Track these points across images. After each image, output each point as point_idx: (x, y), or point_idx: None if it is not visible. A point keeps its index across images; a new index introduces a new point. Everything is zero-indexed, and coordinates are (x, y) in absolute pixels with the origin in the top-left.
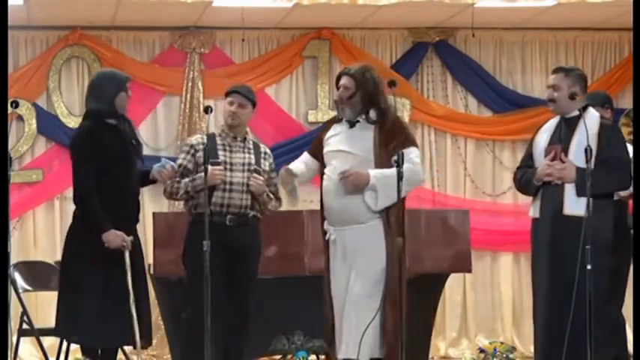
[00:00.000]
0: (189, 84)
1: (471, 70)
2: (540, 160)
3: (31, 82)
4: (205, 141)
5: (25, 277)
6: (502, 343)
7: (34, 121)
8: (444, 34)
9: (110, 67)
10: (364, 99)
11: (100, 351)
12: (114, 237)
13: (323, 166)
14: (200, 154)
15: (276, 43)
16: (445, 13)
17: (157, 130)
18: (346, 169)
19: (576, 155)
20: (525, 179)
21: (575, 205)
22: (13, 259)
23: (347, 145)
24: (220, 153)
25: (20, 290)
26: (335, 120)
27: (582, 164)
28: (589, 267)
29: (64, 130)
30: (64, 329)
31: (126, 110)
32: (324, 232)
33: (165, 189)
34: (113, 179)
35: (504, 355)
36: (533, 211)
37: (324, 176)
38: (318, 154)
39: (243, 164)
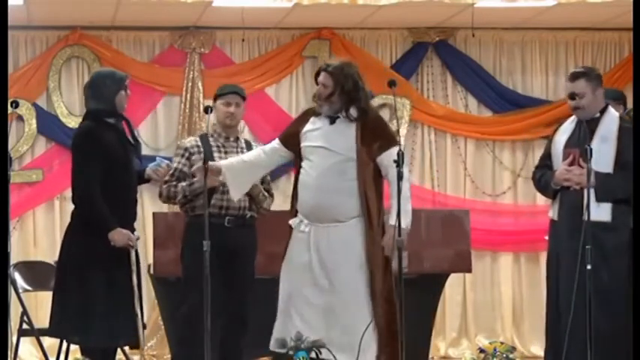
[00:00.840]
0: (189, 84)
1: (471, 70)
2: (558, 161)
3: (31, 82)
4: (199, 143)
5: (25, 277)
6: (502, 343)
7: (34, 121)
8: (444, 34)
9: (109, 67)
10: (343, 97)
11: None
12: (120, 236)
13: (299, 158)
14: (195, 157)
15: (276, 43)
16: (445, 13)
17: (156, 130)
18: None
19: (595, 158)
20: (544, 181)
21: (595, 210)
22: (13, 259)
23: (328, 142)
24: (215, 155)
25: (20, 290)
26: (312, 112)
27: (602, 167)
28: (589, 267)
29: (64, 130)
30: (63, 329)
31: (125, 109)
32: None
33: (162, 193)
34: (114, 178)
35: (504, 355)
36: (552, 213)
37: (302, 171)
38: (291, 144)
39: None
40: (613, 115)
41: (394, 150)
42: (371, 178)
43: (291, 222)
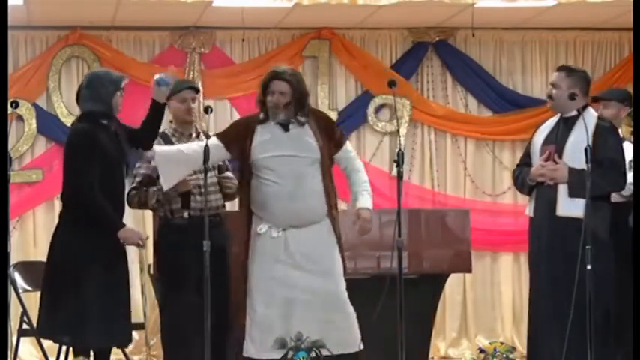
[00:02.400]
0: None
1: (471, 70)
2: (537, 159)
3: (31, 82)
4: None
5: (25, 277)
6: (502, 343)
7: (34, 121)
8: (444, 34)
9: (109, 67)
10: (297, 103)
11: (93, 350)
12: (131, 233)
13: (247, 168)
14: None
15: (276, 43)
16: (445, 13)
17: None
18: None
19: (571, 155)
20: (521, 178)
21: (568, 206)
22: (13, 259)
23: (291, 149)
24: None
25: (20, 290)
26: (257, 122)
27: (577, 164)
28: (589, 267)
29: (64, 130)
30: (56, 330)
31: (119, 111)
32: (249, 231)
33: (132, 201)
34: (109, 179)
35: (504, 355)
36: (529, 210)
37: (266, 181)
38: (234, 150)
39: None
40: (591, 114)
41: (347, 145)
42: (330, 175)
43: (258, 229)
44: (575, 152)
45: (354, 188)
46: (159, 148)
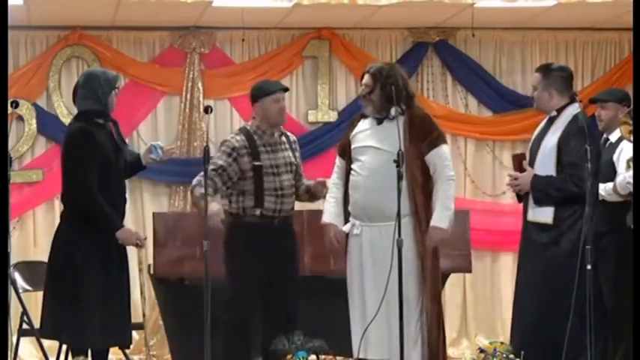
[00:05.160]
0: (189, 84)
1: (471, 70)
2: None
3: (31, 82)
4: (246, 144)
5: (25, 277)
6: (502, 343)
7: (34, 121)
8: (444, 34)
9: (109, 67)
10: (382, 96)
11: (91, 350)
12: (129, 234)
13: (350, 162)
14: (245, 159)
15: (276, 43)
16: (445, 13)
17: (157, 130)
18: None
19: (542, 158)
20: None
21: (534, 211)
22: (13, 259)
23: (376, 142)
24: (263, 155)
25: (20, 290)
26: (361, 117)
27: (547, 168)
28: (589, 267)
29: (63, 130)
30: (58, 330)
31: (114, 110)
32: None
33: (210, 183)
34: (108, 178)
35: (504, 355)
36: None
37: (352, 172)
38: (347, 153)
39: (286, 164)
40: (568, 114)
41: (442, 148)
42: (420, 177)
43: (344, 228)
44: (547, 154)
45: (434, 200)
46: (330, 219)
